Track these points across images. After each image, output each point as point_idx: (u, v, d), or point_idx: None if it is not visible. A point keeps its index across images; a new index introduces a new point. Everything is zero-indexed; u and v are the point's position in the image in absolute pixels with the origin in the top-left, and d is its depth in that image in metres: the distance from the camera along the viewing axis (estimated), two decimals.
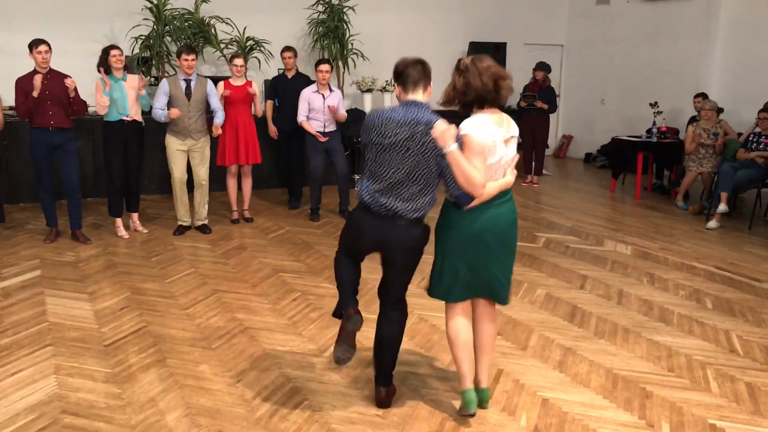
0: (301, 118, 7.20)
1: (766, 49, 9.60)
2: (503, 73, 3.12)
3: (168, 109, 6.33)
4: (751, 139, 7.76)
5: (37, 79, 5.82)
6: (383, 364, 3.43)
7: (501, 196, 3.19)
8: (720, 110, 8.58)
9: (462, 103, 3.16)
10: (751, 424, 3.35)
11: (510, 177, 3.23)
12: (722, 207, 7.43)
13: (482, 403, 3.40)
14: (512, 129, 3.21)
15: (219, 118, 6.57)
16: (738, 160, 7.70)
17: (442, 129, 2.99)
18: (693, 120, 8.86)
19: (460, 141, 3.04)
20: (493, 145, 3.07)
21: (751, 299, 5.19)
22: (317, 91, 7.18)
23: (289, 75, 7.69)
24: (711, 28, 10.28)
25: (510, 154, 3.19)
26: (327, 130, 7.24)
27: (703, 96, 9.04)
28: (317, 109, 7.17)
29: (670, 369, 3.95)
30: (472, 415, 3.30)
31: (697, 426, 3.32)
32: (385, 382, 3.45)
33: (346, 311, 3.25)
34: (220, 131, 6.58)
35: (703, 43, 10.36)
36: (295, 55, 7.74)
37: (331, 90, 7.25)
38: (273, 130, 7.74)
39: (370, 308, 4.81)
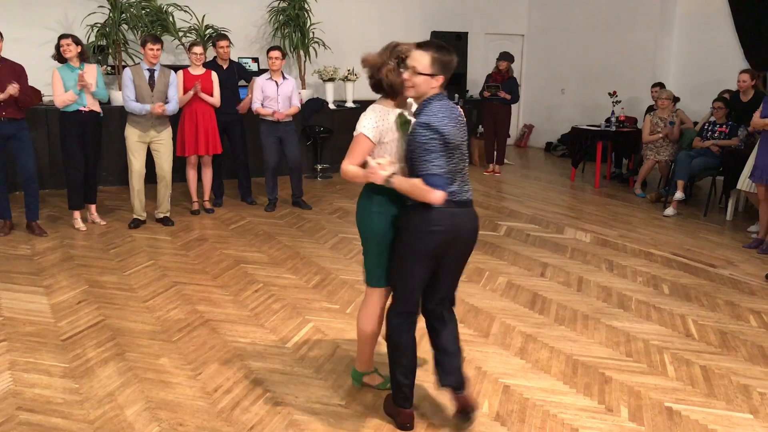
0: (255, 105, 7.07)
1: (720, 40, 9.81)
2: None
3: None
4: (706, 128, 7.92)
5: None
6: (458, 366, 3.19)
7: None
8: (676, 99, 8.73)
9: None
10: (706, 406, 3.43)
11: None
12: (679, 194, 7.59)
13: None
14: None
15: (170, 106, 6.37)
16: (694, 148, 7.86)
17: None
18: (650, 109, 9.01)
19: None
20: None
21: (706, 284, 5.31)
22: (270, 78, 7.09)
23: (224, 65, 7.33)
24: (667, 18, 10.46)
25: None
26: (282, 120, 7.15)
27: (660, 86, 9.20)
28: (271, 97, 7.05)
29: (629, 354, 4.02)
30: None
31: (654, 409, 3.39)
32: (463, 387, 3.19)
33: (405, 412, 3.15)
34: (158, 110, 6.22)
35: (659, 34, 10.54)
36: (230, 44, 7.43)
37: (284, 77, 7.16)
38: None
39: (332, 298, 4.81)
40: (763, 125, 6.07)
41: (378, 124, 3.00)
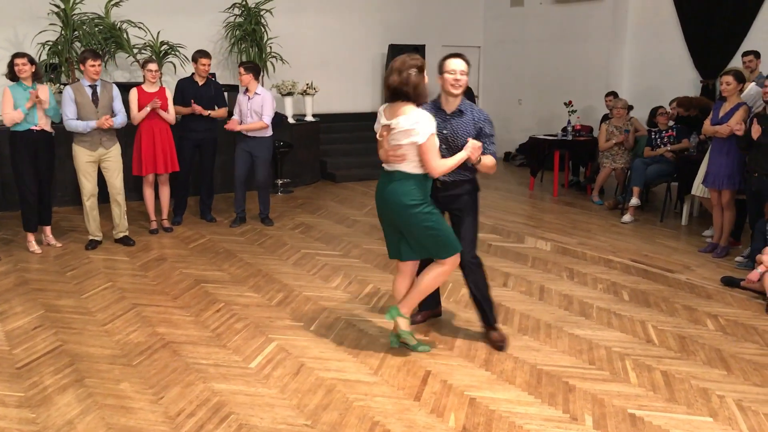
0: (233, 118, 7.20)
1: (670, 50, 10.06)
2: None
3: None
4: (653, 136, 8.08)
5: None
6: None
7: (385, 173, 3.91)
8: (630, 108, 8.92)
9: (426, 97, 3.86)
10: (667, 411, 3.48)
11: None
12: (634, 201, 7.73)
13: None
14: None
15: (117, 119, 6.23)
16: (646, 157, 8.02)
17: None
18: (606, 118, 9.18)
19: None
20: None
21: (665, 289, 5.41)
22: (245, 93, 7.15)
23: (201, 81, 7.24)
24: (619, 29, 10.69)
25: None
26: (251, 134, 7.13)
27: (614, 95, 9.40)
28: (243, 111, 7.14)
29: (591, 362, 4.07)
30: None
31: (618, 416, 3.43)
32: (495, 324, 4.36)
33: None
34: (106, 124, 6.08)
35: (612, 44, 10.76)
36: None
37: (257, 93, 7.10)
38: (196, 108, 7.03)
39: (296, 315, 4.77)
40: (713, 132, 6.23)
41: (433, 120, 3.77)
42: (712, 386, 3.76)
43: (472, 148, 3.81)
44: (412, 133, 3.66)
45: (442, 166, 3.77)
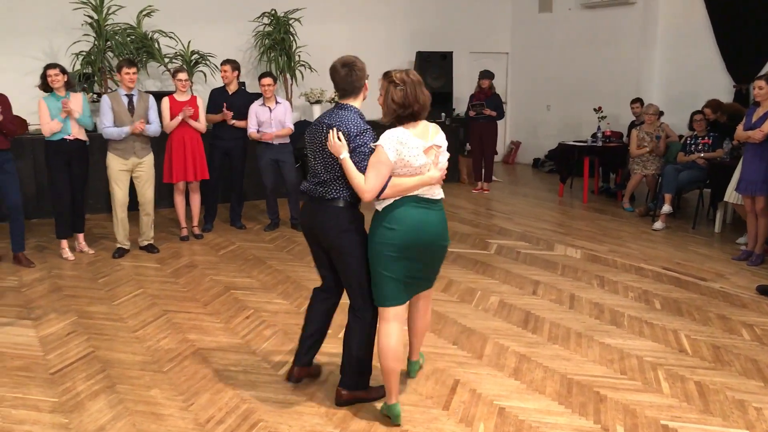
0: (251, 130, 7.21)
1: (701, 54, 9.91)
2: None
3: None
4: (688, 141, 7.98)
5: None
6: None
7: (428, 204, 3.31)
8: (660, 113, 8.81)
9: (399, 116, 3.25)
10: (702, 423, 3.42)
11: (434, 173, 3.28)
12: (666, 208, 7.62)
13: (412, 374, 3.90)
14: (437, 138, 3.32)
15: (151, 127, 6.34)
16: (679, 162, 7.91)
17: (332, 140, 3.25)
18: (634, 124, 9.08)
19: (373, 149, 3.24)
20: (408, 156, 3.20)
21: (698, 298, 5.32)
22: (263, 104, 7.15)
23: (230, 90, 7.33)
24: (649, 34, 10.57)
25: (428, 160, 3.27)
26: (277, 142, 7.21)
27: (640, 101, 9.30)
28: (264, 122, 7.16)
29: (623, 371, 4.01)
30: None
31: (651, 428, 3.37)
32: (341, 383, 3.59)
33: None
34: (139, 127, 6.19)
35: (642, 49, 10.64)
36: (235, 69, 7.27)
37: (277, 102, 7.22)
38: (227, 114, 7.13)
39: None
40: (746, 137, 6.12)
41: None
42: (748, 398, 3.68)
43: None
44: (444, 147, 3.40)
45: None
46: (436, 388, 3.78)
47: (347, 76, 3.35)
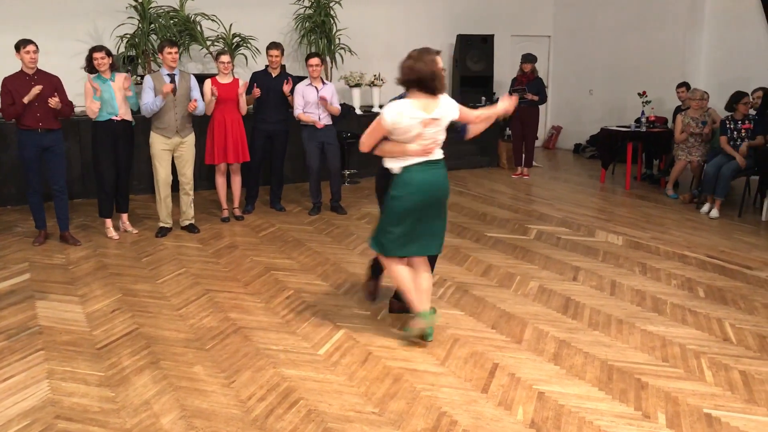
0: (297, 111, 7.26)
1: (750, 37, 9.63)
2: (440, 69, 3.82)
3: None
4: (729, 126, 7.73)
5: (35, 89, 5.74)
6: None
7: (429, 165, 3.91)
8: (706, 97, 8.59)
9: (402, 82, 3.84)
10: (746, 413, 3.36)
11: (412, 146, 3.85)
12: (713, 212, 7.42)
13: (429, 336, 4.15)
14: (436, 112, 3.83)
15: (200, 105, 6.48)
16: (722, 147, 7.70)
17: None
18: (679, 109, 8.88)
19: None
20: (407, 125, 3.76)
21: (743, 287, 5.21)
22: (310, 84, 7.19)
23: (274, 73, 7.36)
24: (696, 16, 10.31)
25: (430, 132, 3.84)
26: (324, 122, 7.27)
27: (686, 86, 9.08)
28: (311, 102, 7.20)
29: (665, 359, 3.96)
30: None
31: (693, 416, 3.33)
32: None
33: None
34: (191, 106, 6.36)
35: (688, 32, 10.39)
36: (282, 53, 7.38)
37: (324, 83, 7.26)
38: (256, 91, 7.15)
39: (363, 305, 4.81)
40: None
41: None
42: None
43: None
44: (454, 112, 3.96)
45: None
46: (475, 371, 3.78)
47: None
